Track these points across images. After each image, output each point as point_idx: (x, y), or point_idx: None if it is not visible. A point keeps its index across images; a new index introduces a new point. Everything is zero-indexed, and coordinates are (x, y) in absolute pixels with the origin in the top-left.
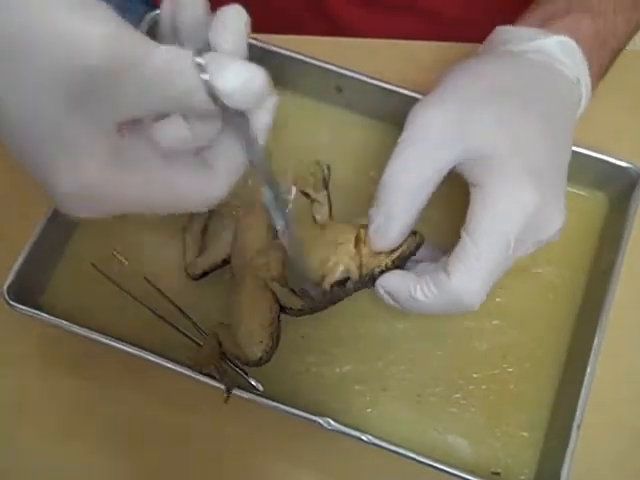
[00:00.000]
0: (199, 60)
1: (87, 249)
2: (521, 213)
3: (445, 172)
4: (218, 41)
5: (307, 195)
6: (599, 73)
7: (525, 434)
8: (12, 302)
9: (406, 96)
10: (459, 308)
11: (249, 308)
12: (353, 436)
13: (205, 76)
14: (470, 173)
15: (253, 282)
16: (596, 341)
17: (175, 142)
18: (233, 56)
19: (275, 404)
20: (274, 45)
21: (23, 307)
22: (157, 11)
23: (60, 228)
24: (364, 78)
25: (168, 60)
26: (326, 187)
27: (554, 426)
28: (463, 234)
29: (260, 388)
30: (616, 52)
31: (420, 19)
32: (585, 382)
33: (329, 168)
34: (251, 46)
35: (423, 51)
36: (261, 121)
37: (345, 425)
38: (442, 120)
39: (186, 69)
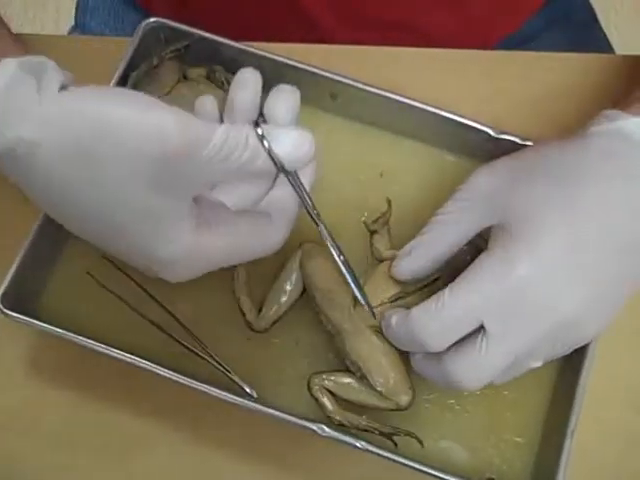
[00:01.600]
0: (259, 131)
1: (82, 256)
2: (504, 283)
3: (475, 229)
4: (273, 115)
5: (374, 232)
6: None
7: (520, 440)
8: (6, 310)
9: (401, 103)
10: (418, 346)
11: (387, 359)
12: (347, 443)
13: (266, 144)
14: (490, 238)
15: (367, 332)
16: (591, 347)
17: (243, 202)
18: (287, 128)
19: (269, 410)
20: (269, 52)
21: (18, 315)
22: (152, 19)
23: (53, 235)
24: (359, 85)
25: (232, 135)
26: (387, 221)
27: (549, 431)
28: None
29: (254, 395)
30: None
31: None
32: (579, 388)
33: (390, 203)
34: (247, 53)
35: (417, 58)
36: (308, 173)
37: (339, 432)
38: (490, 187)
39: (249, 140)
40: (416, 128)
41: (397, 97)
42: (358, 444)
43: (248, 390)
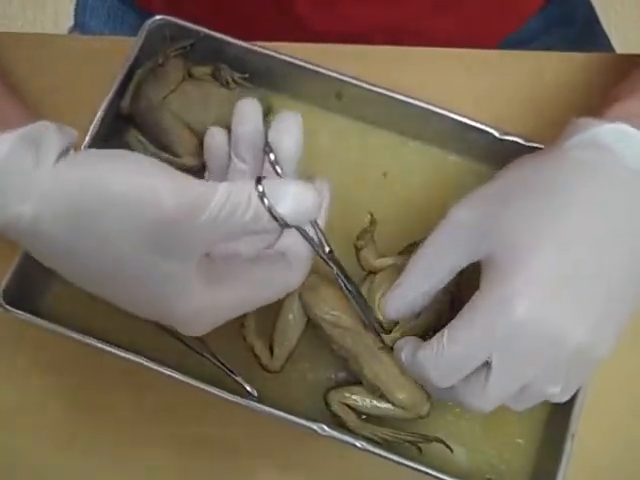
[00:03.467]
0: (260, 189)
1: None
2: (502, 322)
3: (464, 264)
4: (279, 145)
5: (360, 248)
6: None
7: (520, 441)
8: (7, 305)
9: (406, 103)
10: (426, 382)
11: (403, 377)
12: (347, 442)
13: (266, 202)
14: (481, 275)
15: (381, 354)
16: None
17: (255, 249)
18: (287, 180)
19: (270, 410)
20: (274, 51)
21: (18, 311)
22: (158, 17)
23: None
24: (364, 85)
25: (233, 195)
26: (372, 236)
27: (549, 434)
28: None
29: (255, 394)
30: None
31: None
32: (580, 391)
33: (373, 218)
34: (252, 52)
35: (423, 57)
36: (320, 218)
37: (339, 431)
38: (470, 221)
39: (252, 199)
40: (420, 128)
41: (402, 97)
42: (358, 444)
43: (249, 389)
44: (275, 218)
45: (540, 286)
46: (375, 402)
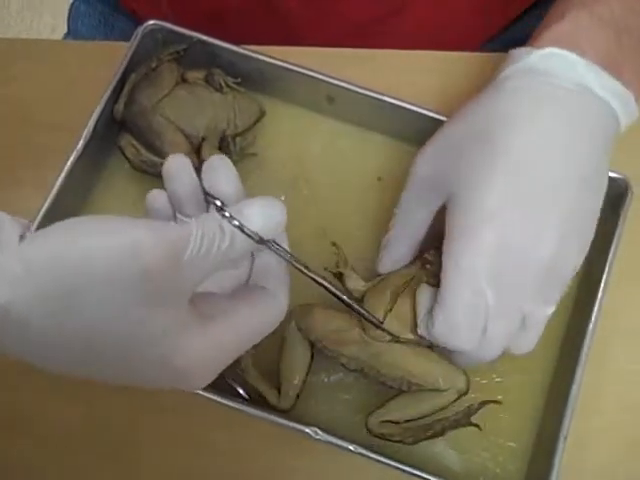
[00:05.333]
0: (227, 214)
1: None
2: (482, 260)
3: (434, 209)
4: (218, 193)
5: (340, 274)
6: None
7: (513, 444)
8: None
9: (397, 106)
10: (452, 348)
11: (423, 358)
12: (341, 446)
13: (236, 223)
14: (446, 221)
15: (391, 346)
16: (584, 351)
17: (230, 283)
18: (248, 200)
19: (262, 413)
20: (266, 55)
21: None
22: (151, 22)
23: None
24: (355, 88)
25: (206, 228)
26: (346, 261)
27: (542, 436)
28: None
29: (247, 397)
30: None
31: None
32: (572, 392)
33: (337, 245)
34: (244, 56)
35: (416, 60)
36: (282, 237)
37: (333, 435)
38: (428, 170)
39: (224, 226)
40: (414, 132)
41: (394, 101)
42: (351, 447)
43: (242, 392)
44: (251, 236)
45: (502, 213)
46: (411, 401)
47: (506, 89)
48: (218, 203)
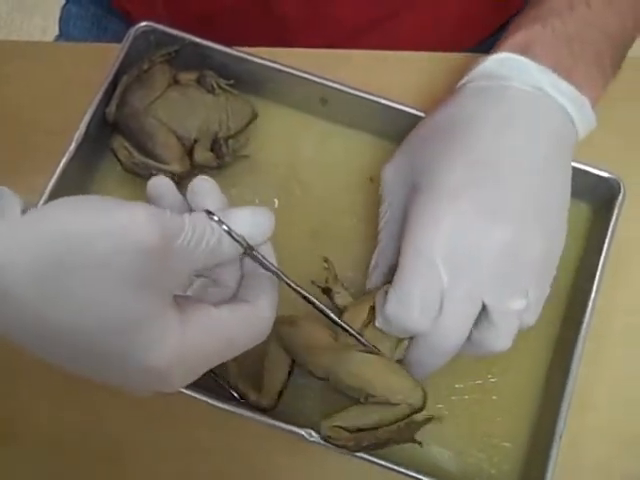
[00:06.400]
0: (216, 218)
1: None
2: (438, 235)
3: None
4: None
5: (328, 290)
6: (599, 66)
7: (508, 444)
8: None
9: (391, 108)
10: (409, 331)
11: (383, 368)
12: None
13: (224, 227)
14: (407, 206)
15: (355, 355)
16: (577, 350)
17: (218, 297)
18: (236, 207)
19: (257, 416)
20: (259, 57)
21: None
22: (143, 23)
23: None
24: (349, 90)
25: (198, 222)
26: (335, 276)
27: (537, 436)
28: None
29: (240, 399)
30: (612, 36)
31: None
32: (567, 392)
33: (327, 260)
34: (237, 58)
35: (410, 62)
36: (267, 248)
37: None
38: (395, 170)
39: (213, 225)
40: (406, 133)
41: (387, 102)
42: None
43: (236, 395)
44: (237, 241)
45: (457, 200)
46: (365, 411)
47: (466, 92)
48: (208, 209)
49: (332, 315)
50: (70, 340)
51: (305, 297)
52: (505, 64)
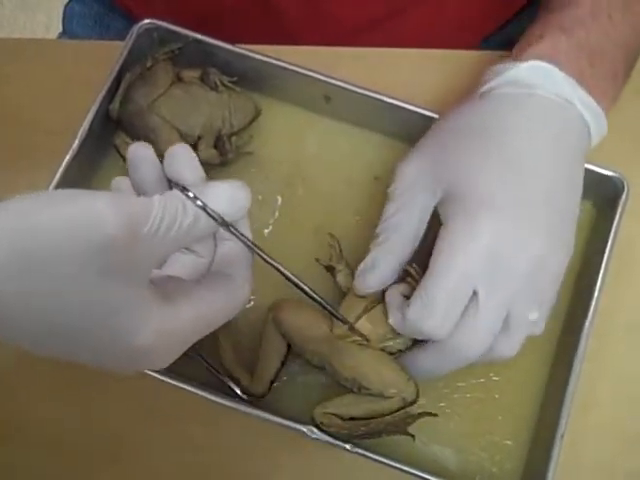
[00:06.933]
0: (191, 194)
1: None
2: (477, 245)
3: (427, 214)
4: (181, 179)
5: (331, 268)
6: (614, 79)
7: (510, 443)
8: None
9: (394, 106)
10: (426, 336)
11: (377, 361)
12: (336, 445)
13: (199, 202)
14: (441, 214)
15: (351, 347)
16: (580, 350)
17: (195, 270)
18: (213, 181)
19: (258, 412)
20: (262, 54)
21: None
22: (146, 21)
23: None
24: (352, 87)
25: (169, 204)
26: (341, 255)
27: (539, 435)
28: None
29: (244, 396)
30: (627, 49)
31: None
32: (568, 392)
33: (334, 237)
34: (240, 55)
35: (411, 59)
36: (243, 222)
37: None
38: (416, 174)
39: (186, 205)
40: (411, 132)
41: (391, 100)
42: (347, 446)
43: (239, 392)
44: (213, 218)
45: (500, 214)
46: (358, 401)
47: (493, 97)
48: (182, 185)
49: (319, 298)
50: (47, 333)
51: (285, 275)
52: (534, 72)
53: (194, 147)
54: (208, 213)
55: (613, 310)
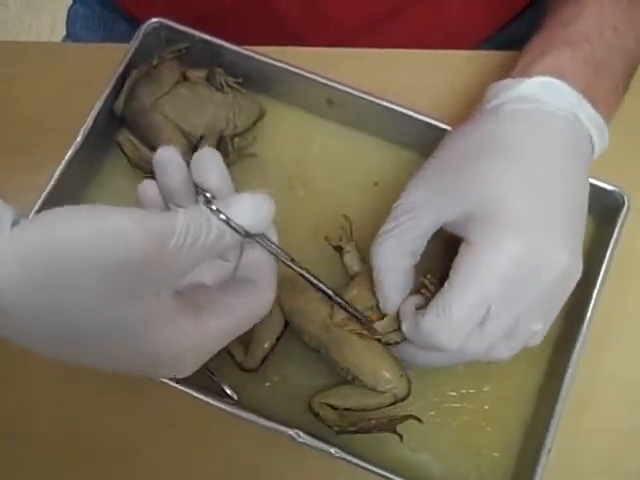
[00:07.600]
0: (214, 207)
1: None
2: (500, 266)
3: (429, 236)
4: (207, 185)
5: (339, 248)
6: (615, 90)
7: (497, 455)
8: None
9: (398, 112)
10: (436, 348)
11: (372, 355)
12: (322, 450)
13: (223, 217)
14: (461, 231)
15: (348, 337)
16: (570, 370)
17: (220, 276)
18: (237, 194)
19: (245, 414)
20: (268, 56)
21: None
22: (154, 20)
23: None
24: (355, 92)
25: (193, 220)
26: (351, 236)
27: (527, 448)
28: (446, 282)
29: (235, 397)
30: (627, 60)
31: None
32: (556, 410)
33: (348, 218)
34: (246, 57)
35: (414, 59)
36: (270, 231)
37: (316, 438)
38: (428, 191)
39: (211, 220)
40: (412, 137)
41: (393, 106)
42: (332, 450)
43: (229, 392)
44: (237, 231)
45: (525, 232)
46: (352, 392)
47: (505, 113)
48: (208, 195)
49: (339, 299)
50: (74, 344)
51: (310, 280)
52: (542, 88)
53: (195, 147)
54: (231, 226)
55: (610, 323)
